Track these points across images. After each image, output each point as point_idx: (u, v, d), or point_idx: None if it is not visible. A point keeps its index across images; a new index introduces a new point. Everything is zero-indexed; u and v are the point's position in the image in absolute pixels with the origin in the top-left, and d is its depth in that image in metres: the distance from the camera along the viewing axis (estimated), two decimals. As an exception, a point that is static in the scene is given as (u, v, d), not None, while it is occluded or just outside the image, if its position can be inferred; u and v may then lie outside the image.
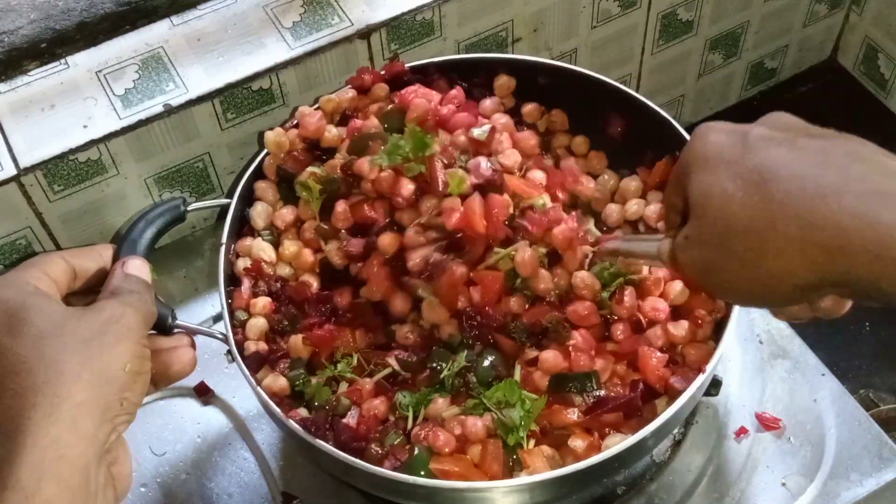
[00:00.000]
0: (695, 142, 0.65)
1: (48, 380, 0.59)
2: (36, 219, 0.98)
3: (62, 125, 0.96)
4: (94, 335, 0.62)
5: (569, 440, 0.79)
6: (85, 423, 0.59)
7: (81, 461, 0.59)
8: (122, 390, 0.62)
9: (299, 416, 0.80)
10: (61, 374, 0.59)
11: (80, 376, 0.60)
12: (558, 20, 1.15)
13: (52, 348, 0.60)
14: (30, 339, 0.60)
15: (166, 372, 0.72)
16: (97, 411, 0.60)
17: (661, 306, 0.84)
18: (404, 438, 0.80)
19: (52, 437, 0.58)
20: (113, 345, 0.63)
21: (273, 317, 0.87)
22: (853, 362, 1.30)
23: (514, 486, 0.76)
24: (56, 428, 0.58)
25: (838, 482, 0.90)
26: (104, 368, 0.61)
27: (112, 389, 0.61)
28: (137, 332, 0.65)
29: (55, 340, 0.61)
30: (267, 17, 1.04)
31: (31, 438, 0.57)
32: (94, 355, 0.61)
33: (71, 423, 0.59)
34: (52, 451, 0.57)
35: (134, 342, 0.64)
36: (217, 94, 0.99)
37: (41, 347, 0.60)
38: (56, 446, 0.58)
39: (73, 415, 0.59)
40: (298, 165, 0.91)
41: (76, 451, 0.58)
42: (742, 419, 0.95)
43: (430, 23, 1.06)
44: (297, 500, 0.91)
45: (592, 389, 0.80)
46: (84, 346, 0.61)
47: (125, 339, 0.64)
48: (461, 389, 0.82)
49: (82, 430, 0.59)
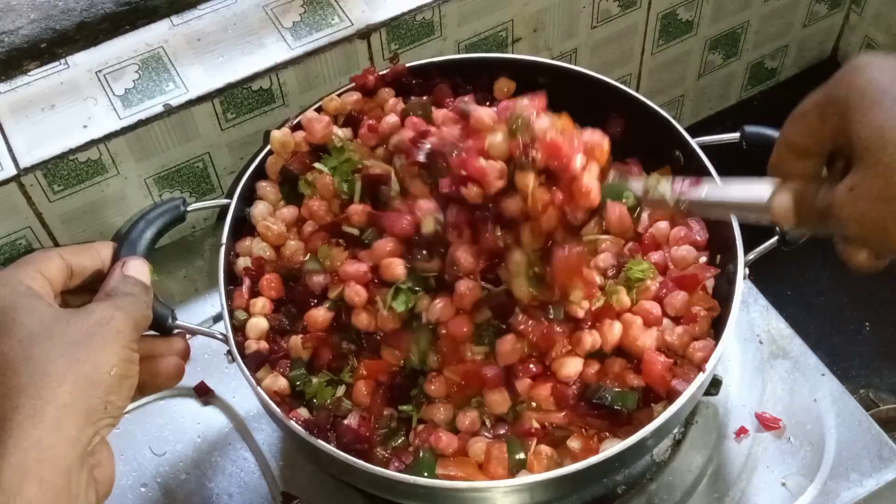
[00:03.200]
0: (860, 74, 0.55)
1: (33, 381, 0.59)
2: (36, 219, 0.98)
3: (62, 125, 0.96)
4: (82, 338, 0.62)
5: (568, 440, 0.79)
6: (68, 425, 0.59)
7: (64, 463, 0.59)
8: (108, 394, 0.62)
9: (300, 417, 0.80)
10: (46, 376, 0.59)
11: (65, 378, 0.60)
12: (558, 20, 1.15)
13: (40, 350, 0.60)
14: (17, 339, 0.60)
15: (153, 380, 0.72)
16: (81, 414, 0.60)
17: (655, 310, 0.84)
18: (406, 440, 0.81)
19: (34, 439, 0.57)
20: (100, 348, 0.62)
21: (273, 317, 0.87)
22: (853, 362, 1.31)
23: (514, 486, 0.76)
24: (39, 430, 0.58)
25: (838, 482, 0.90)
26: (90, 371, 0.61)
27: (97, 393, 0.61)
28: (127, 336, 0.65)
29: (43, 342, 0.61)
30: (267, 17, 1.04)
31: (13, 440, 0.57)
32: (80, 358, 0.61)
33: (54, 425, 0.58)
34: (35, 452, 0.57)
35: (122, 346, 0.64)
36: (217, 94, 0.99)
37: (28, 349, 0.60)
38: (39, 448, 0.57)
39: (57, 417, 0.59)
40: (303, 166, 0.91)
41: (59, 453, 0.58)
42: (742, 419, 0.95)
43: (430, 23, 1.06)
44: (297, 500, 0.91)
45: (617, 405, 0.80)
46: (71, 348, 0.61)
47: (113, 343, 0.63)
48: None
49: (65, 432, 0.59)
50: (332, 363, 0.84)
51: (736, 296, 0.81)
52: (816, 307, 1.33)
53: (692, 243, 0.88)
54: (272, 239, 0.90)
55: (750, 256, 0.84)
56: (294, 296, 0.88)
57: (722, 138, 0.90)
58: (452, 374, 0.81)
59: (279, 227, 0.90)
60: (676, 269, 0.87)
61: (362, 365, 0.83)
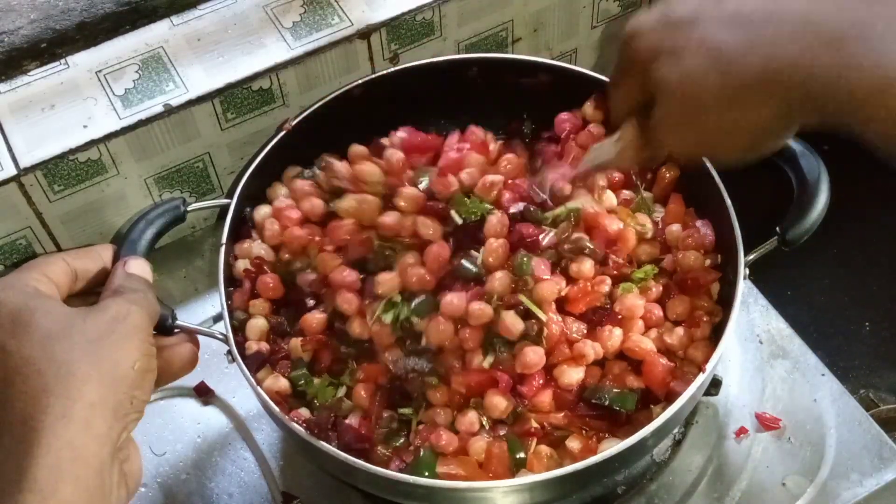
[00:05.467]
0: (639, 39, 0.72)
1: (59, 381, 0.59)
2: (36, 219, 0.98)
3: (62, 125, 0.96)
4: (101, 334, 0.62)
5: (567, 440, 0.79)
6: (98, 423, 0.60)
7: (96, 461, 0.59)
8: (132, 388, 0.62)
9: (301, 417, 0.80)
10: (72, 375, 0.59)
11: (90, 376, 0.60)
12: (558, 20, 1.15)
13: (61, 349, 0.60)
14: (36, 340, 0.60)
15: (169, 369, 0.72)
16: (109, 411, 0.60)
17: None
18: (406, 440, 0.81)
19: (66, 439, 0.58)
20: (121, 343, 0.63)
21: (273, 318, 0.87)
22: (853, 362, 1.30)
23: (513, 486, 0.76)
24: (70, 429, 0.58)
25: (838, 482, 0.90)
26: (114, 367, 0.61)
27: (122, 388, 0.62)
28: (144, 330, 0.65)
29: (63, 341, 0.61)
30: (267, 17, 1.04)
31: (45, 440, 0.57)
32: (103, 355, 0.61)
33: (84, 423, 0.59)
34: (68, 452, 0.58)
35: (141, 340, 0.64)
36: (217, 94, 0.99)
37: (49, 348, 0.60)
38: (71, 447, 0.58)
39: (86, 415, 0.59)
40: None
41: (91, 451, 0.59)
42: (742, 419, 0.95)
43: (430, 23, 1.06)
44: (297, 500, 0.91)
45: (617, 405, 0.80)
46: (92, 345, 0.61)
47: (133, 337, 0.64)
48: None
49: (95, 430, 0.59)
50: (332, 366, 0.84)
51: (736, 296, 0.81)
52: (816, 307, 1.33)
53: (699, 247, 0.88)
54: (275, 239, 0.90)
55: (750, 256, 0.84)
56: (292, 297, 0.88)
57: (722, 138, 0.90)
58: (459, 385, 0.81)
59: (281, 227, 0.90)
60: (681, 272, 0.87)
61: (361, 369, 0.83)
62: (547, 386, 0.81)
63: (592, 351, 0.81)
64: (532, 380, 0.80)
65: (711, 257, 0.87)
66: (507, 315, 0.80)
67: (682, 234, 0.89)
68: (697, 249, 0.87)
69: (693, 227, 0.89)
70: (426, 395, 0.82)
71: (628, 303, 0.83)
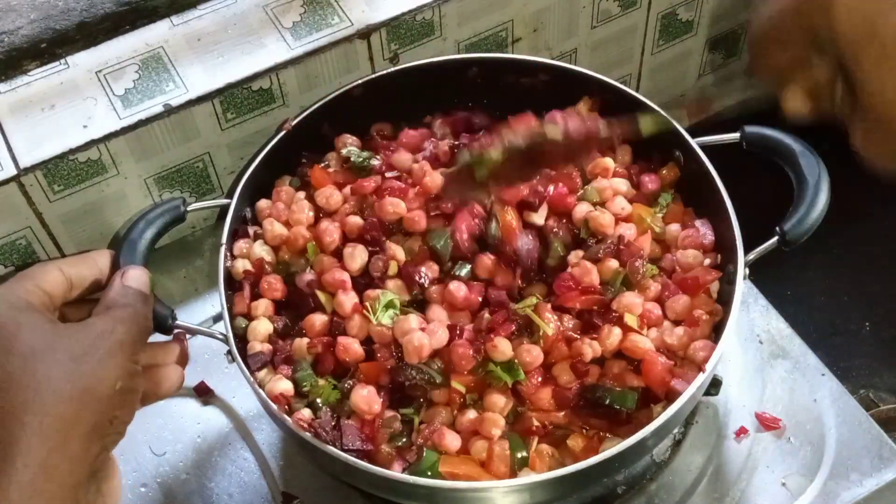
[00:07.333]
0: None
1: (38, 398, 0.58)
2: (36, 219, 0.98)
3: (62, 125, 0.96)
4: (84, 352, 0.62)
5: (568, 439, 0.79)
6: (74, 442, 0.59)
7: (71, 480, 0.59)
8: (113, 409, 0.62)
9: (302, 418, 0.80)
10: (51, 393, 0.59)
11: (70, 395, 0.59)
12: (558, 20, 1.15)
13: (43, 366, 0.60)
14: (19, 356, 0.60)
15: (156, 389, 0.71)
16: (87, 430, 0.60)
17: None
18: (408, 440, 0.80)
19: (41, 458, 0.57)
20: (103, 362, 0.62)
21: (276, 318, 0.87)
22: (853, 362, 1.30)
23: (514, 486, 0.76)
24: (45, 448, 0.58)
25: (838, 482, 0.90)
26: (94, 386, 0.61)
27: (102, 408, 0.61)
28: (129, 349, 0.64)
29: (46, 358, 0.60)
30: (267, 17, 1.04)
31: (20, 458, 0.57)
32: (84, 373, 0.61)
33: (61, 442, 0.58)
34: (42, 471, 0.57)
35: (124, 359, 0.63)
36: (217, 94, 0.99)
37: (31, 365, 0.60)
38: (45, 466, 0.57)
39: (63, 434, 0.58)
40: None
41: (65, 470, 0.58)
42: (742, 419, 0.95)
43: (430, 23, 1.06)
44: (297, 500, 0.91)
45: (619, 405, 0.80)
46: (74, 363, 0.61)
47: (116, 356, 0.63)
48: None
49: (72, 450, 0.59)
50: (336, 368, 0.84)
51: (736, 296, 0.81)
52: (816, 307, 1.33)
53: (698, 246, 0.88)
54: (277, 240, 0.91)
55: (750, 256, 0.83)
56: (293, 298, 0.88)
57: (722, 138, 0.90)
58: (459, 383, 0.81)
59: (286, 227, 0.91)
60: (681, 271, 0.87)
61: (360, 368, 0.83)
62: (546, 384, 0.81)
63: (591, 350, 0.81)
64: (531, 377, 0.80)
65: (711, 257, 0.87)
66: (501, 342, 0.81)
67: (681, 233, 0.89)
68: (697, 249, 0.87)
69: (693, 226, 0.89)
70: (428, 395, 0.82)
71: (626, 301, 0.83)
